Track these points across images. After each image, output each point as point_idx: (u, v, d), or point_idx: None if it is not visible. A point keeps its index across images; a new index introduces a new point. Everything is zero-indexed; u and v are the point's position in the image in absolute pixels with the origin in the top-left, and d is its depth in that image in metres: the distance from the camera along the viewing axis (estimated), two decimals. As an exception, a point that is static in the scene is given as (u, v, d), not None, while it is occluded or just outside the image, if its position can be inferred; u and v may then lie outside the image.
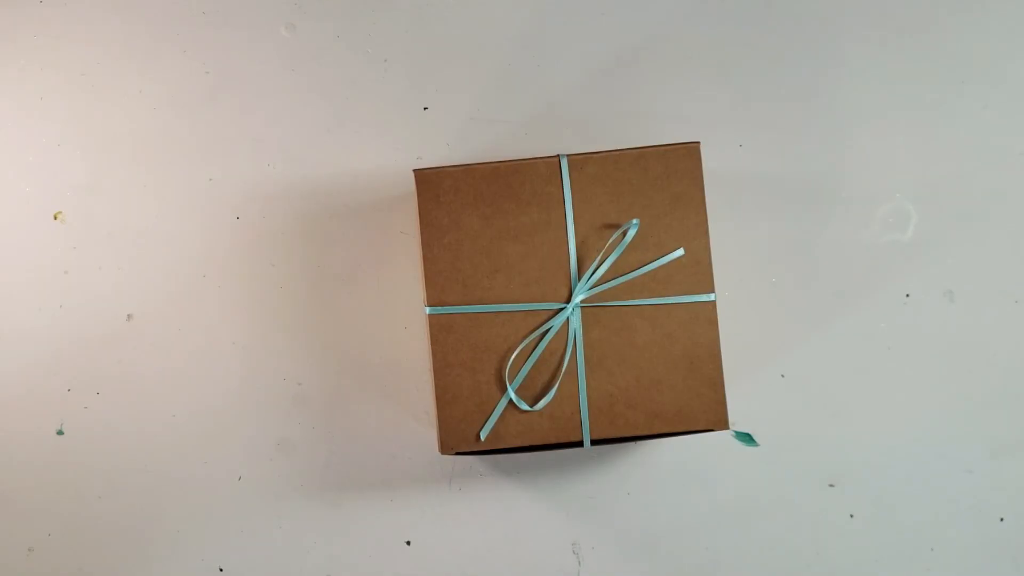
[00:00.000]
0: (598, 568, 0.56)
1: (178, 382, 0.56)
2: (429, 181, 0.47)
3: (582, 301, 0.47)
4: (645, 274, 0.48)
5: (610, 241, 0.47)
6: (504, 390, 0.47)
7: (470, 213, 0.47)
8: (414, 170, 0.47)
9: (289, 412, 0.56)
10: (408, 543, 0.55)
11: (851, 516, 0.56)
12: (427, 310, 0.47)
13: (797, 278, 0.56)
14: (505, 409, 0.47)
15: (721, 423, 0.48)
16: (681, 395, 0.48)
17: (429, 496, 0.55)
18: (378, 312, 0.56)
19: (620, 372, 0.48)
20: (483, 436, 0.47)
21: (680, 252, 0.48)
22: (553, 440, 0.47)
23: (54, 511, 0.56)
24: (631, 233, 0.47)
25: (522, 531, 0.56)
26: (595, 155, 0.48)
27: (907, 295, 0.56)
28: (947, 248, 0.56)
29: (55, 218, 0.57)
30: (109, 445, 0.56)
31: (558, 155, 0.47)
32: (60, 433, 0.56)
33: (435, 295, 0.47)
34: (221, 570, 0.56)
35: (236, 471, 0.56)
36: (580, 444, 0.48)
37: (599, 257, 0.47)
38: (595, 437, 0.48)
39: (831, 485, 0.56)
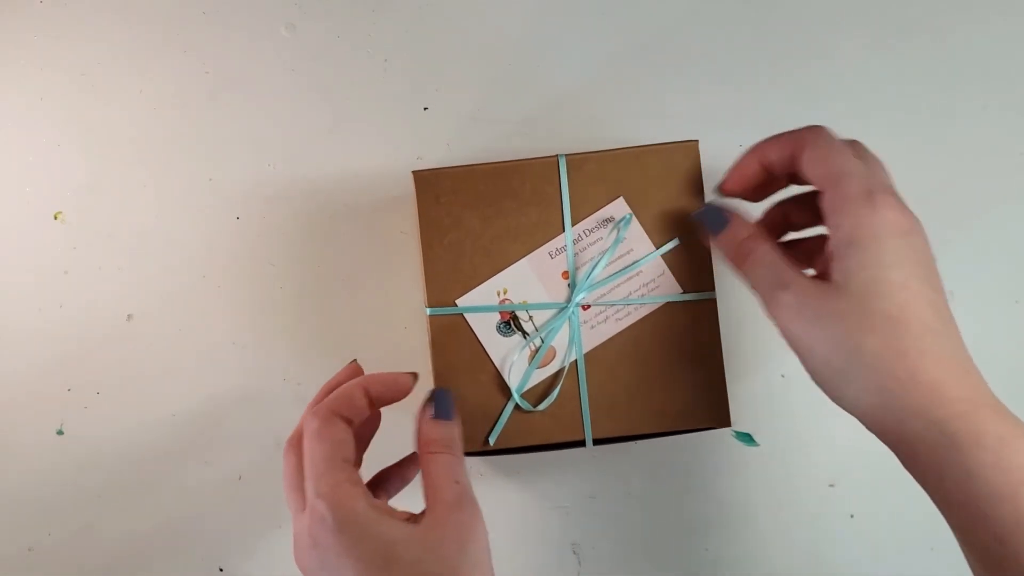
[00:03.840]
0: (598, 568, 0.56)
1: (178, 382, 0.56)
2: (428, 182, 0.47)
3: (582, 301, 0.47)
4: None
5: (607, 241, 0.47)
6: (506, 390, 0.47)
7: (470, 213, 0.47)
8: (413, 171, 0.47)
9: (289, 412, 0.56)
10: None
11: (851, 516, 0.56)
12: (427, 310, 0.47)
13: (797, 278, 0.56)
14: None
15: (723, 420, 0.48)
16: (682, 393, 0.48)
17: (429, 496, 0.55)
18: (378, 312, 0.56)
19: (621, 371, 0.48)
20: (492, 441, 0.47)
21: (675, 242, 0.47)
22: (555, 440, 0.47)
23: (54, 511, 0.56)
24: (624, 229, 0.47)
25: (522, 531, 0.56)
26: (594, 154, 0.48)
27: (907, 295, 0.56)
28: (947, 248, 0.56)
29: (55, 218, 0.56)
30: (109, 445, 0.56)
31: (557, 155, 0.47)
32: (60, 433, 0.56)
33: (435, 295, 0.47)
34: (221, 570, 0.56)
35: (236, 471, 0.56)
36: (581, 444, 0.48)
37: (598, 256, 0.47)
38: (596, 436, 0.48)
39: (831, 485, 0.56)
